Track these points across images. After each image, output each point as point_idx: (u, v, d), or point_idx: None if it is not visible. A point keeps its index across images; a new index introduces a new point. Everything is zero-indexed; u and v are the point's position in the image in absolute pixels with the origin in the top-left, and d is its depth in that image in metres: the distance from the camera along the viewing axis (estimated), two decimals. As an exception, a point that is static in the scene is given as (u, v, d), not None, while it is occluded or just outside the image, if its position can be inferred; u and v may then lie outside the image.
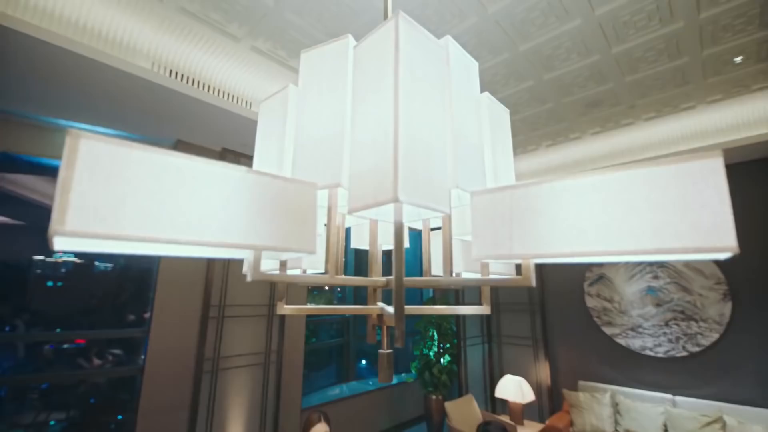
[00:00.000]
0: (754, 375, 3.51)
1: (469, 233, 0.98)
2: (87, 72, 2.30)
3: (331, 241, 0.78)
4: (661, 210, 0.50)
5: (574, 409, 4.01)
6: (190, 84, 2.65)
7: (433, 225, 1.00)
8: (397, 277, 0.67)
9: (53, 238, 0.45)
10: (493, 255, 0.65)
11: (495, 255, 0.65)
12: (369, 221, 0.96)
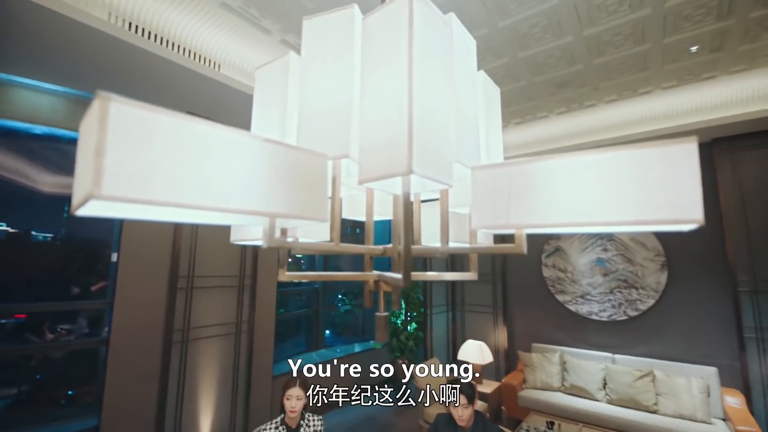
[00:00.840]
0: (680, 335, 4.01)
1: (459, 205, 1.04)
2: (35, 21, 2.06)
3: (336, 211, 0.81)
4: (644, 187, 0.57)
5: (527, 368, 4.40)
6: (151, 39, 2.45)
7: (423, 197, 1.05)
8: (406, 245, 0.72)
9: (87, 202, 0.45)
10: (491, 225, 0.72)
11: (493, 225, 0.72)
12: (365, 192, 0.99)
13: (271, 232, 0.68)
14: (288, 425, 2.09)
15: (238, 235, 1.22)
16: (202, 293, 3.31)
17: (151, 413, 2.97)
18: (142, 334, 2.97)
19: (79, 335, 3.48)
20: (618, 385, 3.84)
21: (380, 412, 4.68)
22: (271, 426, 2.09)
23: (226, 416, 3.40)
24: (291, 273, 0.91)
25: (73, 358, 3.38)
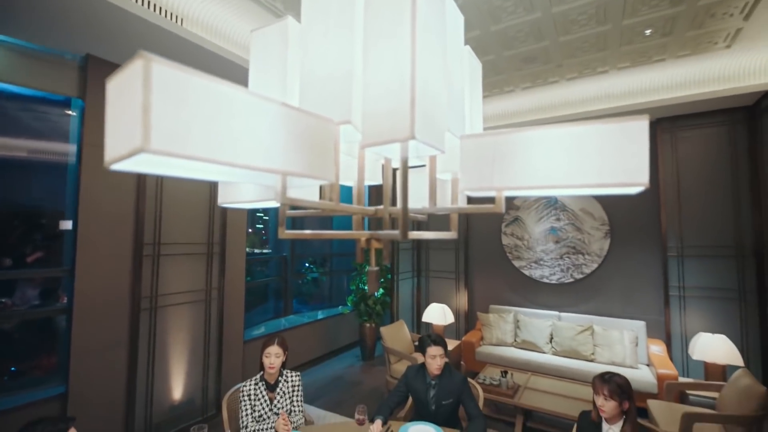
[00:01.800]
0: (617, 294, 4.53)
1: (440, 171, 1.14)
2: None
3: (336, 174, 0.88)
4: (605, 155, 0.69)
5: (484, 327, 4.79)
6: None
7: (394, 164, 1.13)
8: (404, 204, 0.80)
9: (133, 155, 0.49)
10: (477, 187, 0.82)
11: (479, 187, 0.82)
12: (358, 158, 1.06)
13: (283, 190, 0.74)
14: (267, 381, 2.20)
15: (227, 197, 1.25)
16: (169, 260, 3.25)
17: (121, 379, 2.96)
18: (108, 302, 2.90)
19: (29, 307, 3.31)
20: (562, 339, 4.31)
21: (348, 371, 4.93)
22: (251, 383, 2.19)
23: (199, 380, 3.46)
24: (291, 231, 0.97)
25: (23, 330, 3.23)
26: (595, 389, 1.85)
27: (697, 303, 3.98)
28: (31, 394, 2.68)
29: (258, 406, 2.13)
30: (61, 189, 3.38)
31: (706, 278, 3.95)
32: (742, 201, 3.82)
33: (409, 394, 2.43)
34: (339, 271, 6.77)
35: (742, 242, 3.81)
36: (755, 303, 3.70)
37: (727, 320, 3.83)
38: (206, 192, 3.57)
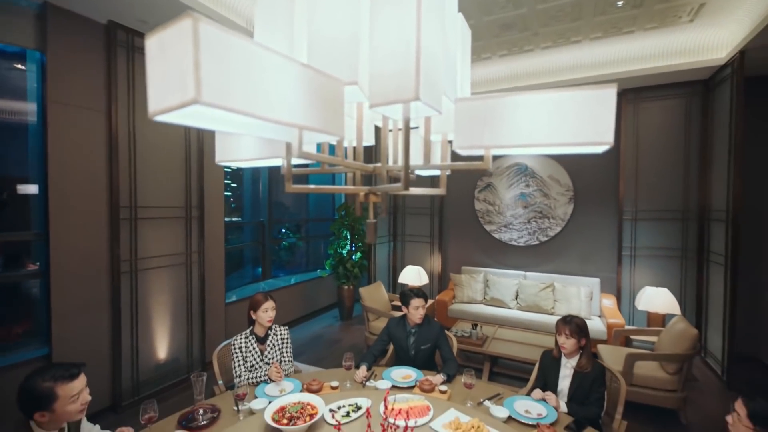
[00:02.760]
0: (577, 255, 4.92)
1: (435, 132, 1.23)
2: None
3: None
4: (580, 118, 0.81)
5: (456, 287, 5.10)
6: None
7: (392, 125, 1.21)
8: (406, 159, 0.90)
9: (187, 107, 0.55)
10: (469, 146, 0.92)
11: (471, 146, 0.93)
12: (356, 119, 1.13)
13: (300, 144, 0.82)
14: (257, 335, 2.32)
15: (225, 155, 1.31)
16: (148, 224, 3.21)
17: (105, 340, 2.99)
18: (85, 265, 2.87)
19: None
20: (527, 296, 4.69)
21: (328, 330, 5.16)
22: (241, 337, 2.30)
23: (183, 341, 3.54)
24: (296, 186, 1.05)
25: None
26: (558, 330, 2.11)
27: (645, 261, 4.42)
28: (14, 356, 2.67)
29: (249, 357, 2.27)
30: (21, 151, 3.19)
31: (654, 239, 4.37)
32: (691, 169, 4.19)
33: (390, 343, 2.64)
34: (315, 236, 6.85)
35: (687, 207, 4.21)
36: (694, 260, 4.16)
37: (670, 276, 4.30)
38: (181, 156, 3.48)
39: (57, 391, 1.34)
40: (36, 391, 1.32)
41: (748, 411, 1.25)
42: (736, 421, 1.29)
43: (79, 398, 1.41)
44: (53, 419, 1.36)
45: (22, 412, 1.36)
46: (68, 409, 1.38)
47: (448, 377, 2.20)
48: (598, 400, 2.01)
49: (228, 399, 1.97)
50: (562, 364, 2.15)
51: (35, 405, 1.33)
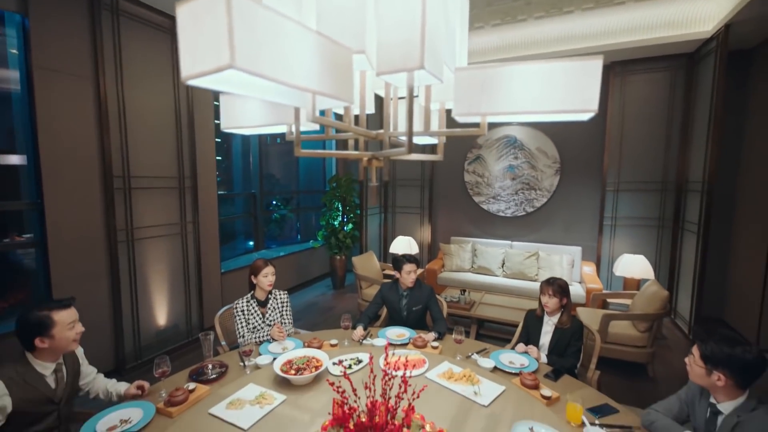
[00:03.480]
0: (561, 225, 5.12)
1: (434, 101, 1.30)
2: None
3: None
4: (569, 87, 0.90)
5: (446, 256, 5.28)
6: None
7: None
8: (409, 123, 0.97)
9: (222, 71, 0.61)
10: (468, 113, 1.00)
11: (469, 113, 1.00)
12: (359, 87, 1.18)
13: (313, 109, 0.88)
14: (257, 299, 2.43)
15: (231, 122, 1.36)
16: (142, 194, 3.22)
17: (105, 308, 3.07)
18: (82, 235, 2.89)
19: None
20: (512, 264, 4.90)
21: (321, 299, 5.32)
22: (243, 301, 2.41)
23: (182, 308, 3.64)
24: (305, 150, 1.12)
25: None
26: (541, 290, 2.27)
27: (624, 230, 4.65)
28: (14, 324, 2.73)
29: (251, 319, 2.38)
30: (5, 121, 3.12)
31: (634, 209, 4.58)
32: (672, 142, 4.34)
33: (384, 306, 2.79)
34: (306, 208, 6.90)
35: (667, 178, 4.40)
36: (670, 229, 4.39)
37: (647, 243, 4.55)
38: (171, 126, 3.44)
39: (54, 318, 1.47)
40: (35, 318, 1.45)
41: (701, 353, 1.39)
42: (692, 362, 1.44)
43: (74, 327, 1.54)
44: (53, 346, 1.48)
45: (22, 343, 1.47)
46: (66, 335, 1.50)
47: (439, 335, 2.37)
48: (576, 352, 2.21)
49: (233, 357, 2.10)
50: (545, 321, 2.33)
51: (36, 331, 1.44)
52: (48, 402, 1.51)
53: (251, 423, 1.47)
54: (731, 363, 1.29)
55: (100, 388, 1.73)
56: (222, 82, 0.70)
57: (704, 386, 1.41)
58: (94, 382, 1.73)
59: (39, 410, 1.48)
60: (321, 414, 1.55)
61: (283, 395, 1.66)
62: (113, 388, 1.73)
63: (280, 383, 1.77)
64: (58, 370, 1.56)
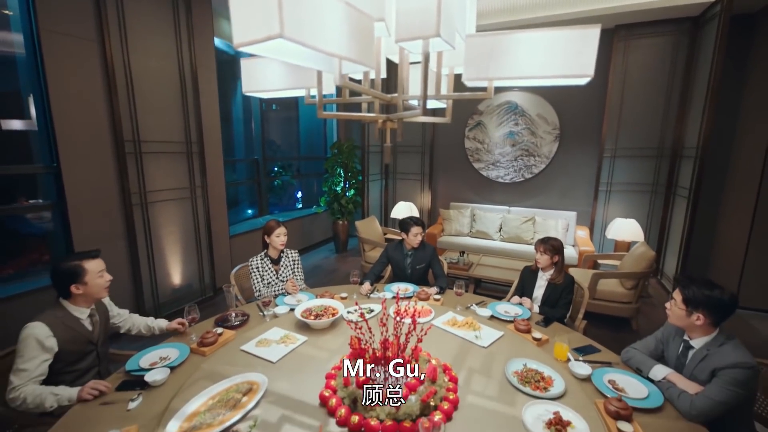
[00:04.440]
0: (557, 190, 5.26)
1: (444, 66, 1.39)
2: None
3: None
4: (568, 53, 1.00)
5: (445, 222, 5.45)
6: None
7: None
8: (423, 92, 1.07)
9: (271, 40, 0.71)
10: (477, 77, 1.10)
11: (477, 77, 1.10)
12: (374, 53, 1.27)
13: (340, 72, 0.98)
14: (271, 257, 2.60)
15: (252, 86, 1.45)
16: (152, 159, 3.30)
17: (125, 268, 3.24)
18: (98, 197, 3.01)
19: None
20: (509, 228, 5.09)
21: (325, 262, 5.54)
22: (257, 259, 2.58)
23: (195, 269, 3.82)
24: (326, 113, 1.22)
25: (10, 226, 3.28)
26: (536, 248, 2.45)
27: (618, 195, 4.80)
28: (39, 281, 2.90)
29: (266, 275, 2.56)
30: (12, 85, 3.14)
31: (629, 175, 4.71)
32: (671, 108, 4.40)
33: (389, 265, 2.97)
34: (307, 174, 6.98)
35: (663, 144, 4.49)
36: (662, 194, 4.55)
37: (639, 208, 4.71)
38: (176, 91, 3.47)
39: (85, 266, 1.63)
40: (68, 267, 1.61)
41: (683, 296, 1.51)
42: (673, 306, 1.56)
43: (103, 275, 1.71)
44: (86, 292, 1.65)
45: (59, 291, 1.64)
46: (97, 282, 1.67)
47: (441, 289, 2.57)
48: (566, 305, 2.41)
49: (252, 308, 2.28)
50: (539, 276, 2.52)
51: (71, 279, 1.61)
52: (87, 342, 1.69)
53: (278, 357, 1.68)
54: (709, 304, 1.45)
55: (141, 325, 1.92)
56: (270, 49, 0.81)
57: (682, 326, 1.58)
58: (130, 319, 1.92)
59: (80, 350, 1.66)
60: (338, 352, 1.75)
61: (304, 337, 1.86)
62: (154, 324, 1.93)
63: (301, 327, 1.97)
64: (92, 315, 1.73)
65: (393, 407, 1.29)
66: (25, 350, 1.47)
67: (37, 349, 1.49)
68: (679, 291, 1.55)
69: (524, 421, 1.33)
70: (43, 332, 1.51)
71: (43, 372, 1.50)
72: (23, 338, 1.49)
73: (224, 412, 1.31)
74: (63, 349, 1.57)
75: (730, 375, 1.36)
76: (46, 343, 1.51)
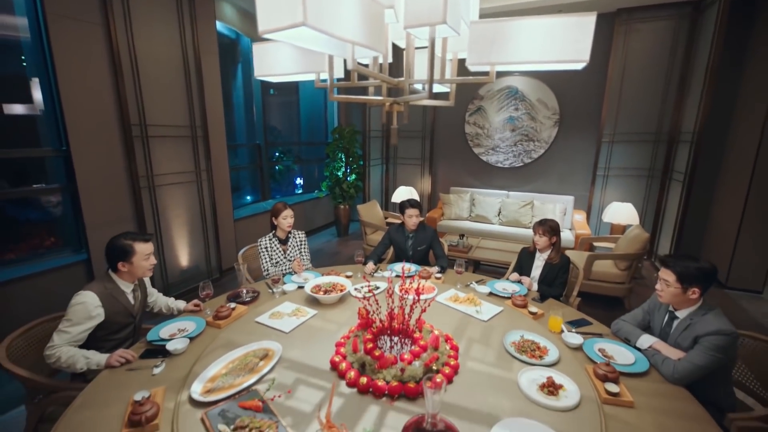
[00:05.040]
0: (556, 175, 5.34)
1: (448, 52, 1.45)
2: None
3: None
4: (566, 40, 1.07)
5: (445, 206, 5.55)
6: None
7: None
8: (430, 76, 1.14)
9: (295, 27, 0.79)
10: (480, 62, 1.17)
11: (480, 62, 1.17)
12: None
13: (353, 57, 1.05)
14: (279, 238, 2.69)
15: (264, 70, 1.52)
16: (158, 142, 3.36)
17: (134, 248, 3.33)
18: (107, 180, 3.08)
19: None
20: (508, 212, 5.18)
21: (327, 245, 5.65)
22: (265, 239, 2.67)
23: (201, 251, 3.92)
24: (338, 96, 1.29)
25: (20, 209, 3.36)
26: (534, 230, 2.54)
27: (615, 180, 4.88)
28: (53, 261, 3.00)
29: (274, 255, 2.66)
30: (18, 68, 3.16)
31: (627, 160, 4.78)
32: (669, 92, 4.44)
33: (391, 246, 3.07)
34: (308, 160, 7.03)
35: (661, 130, 4.55)
36: (659, 178, 4.63)
37: (636, 193, 4.81)
38: (180, 76, 3.50)
39: (135, 248, 1.74)
40: (121, 245, 1.72)
41: (677, 276, 1.54)
42: (665, 287, 1.58)
43: (149, 259, 1.81)
44: (131, 271, 1.76)
45: (109, 264, 1.75)
46: (142, 264, 1.77)
47: (441, 269, 2.68)
48: (562, 284, 2.52)
49: (261, 287, 2.39)
50: (536, 257, 2.62)
51: (119, 256, 1.72)
52: (129, 315, 1.80)
53: (291, 328, 1.79)
54: (701, 276, 1.54)
55: (163, 304, 2.04)
56: (292, 36, 0.88)
57: (675, 303, 1.63)
58: (157, 300, 2.04)
59: (122, 321, 1.77)
60: (346, 325, 1.86)
61: (314, 311, 1.97)
62: (173, 305, 2.04)
63: (311, 302, 2.09)
64: (135, 290, 1.85)
65: (398, 370, 1.40)
66: (73, 315, 1.59)
67: (84, 317, 1.60)
68: (671, 272, 1.58)
69: (519, 384, 1.44)
70: (94, 302, 1.63)
71: (82, 339, 1.62)
72: (74, 304, 1.60)
73: (243, 374, 1.42)
74: (108, 319, 1.69)
75: (710, 341, 1.47)
76: (93, 312, 1.62)
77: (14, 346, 1.69)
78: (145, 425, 1.19)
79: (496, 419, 1.25)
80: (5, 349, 1.64)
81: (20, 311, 2.62)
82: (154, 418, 1.22)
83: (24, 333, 1.76)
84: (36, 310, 2.46)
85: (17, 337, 1.73)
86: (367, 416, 1.27)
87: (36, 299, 2.73)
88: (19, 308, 2.64)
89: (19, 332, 1.74)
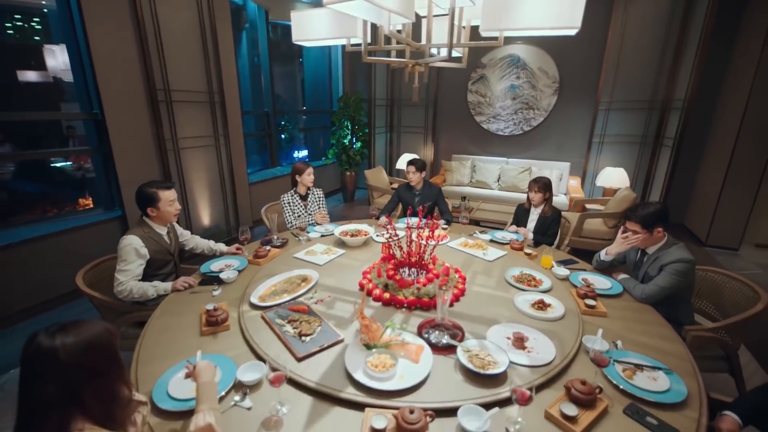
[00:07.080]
0: (554, 142, 5.57)
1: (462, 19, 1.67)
2: None
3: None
4: (563, 7, 1.30)
5: (447, 172, 5.80)
6: None
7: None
8: (449, 39, 1.37)
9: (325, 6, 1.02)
10: (492, 28, 1.41)
11: (491, 28, 1.41)
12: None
13: (389, 23, 1.28)
14: (300, 194, 2.97)
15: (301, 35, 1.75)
16: (180, 107, 3.56)
17: (162, 207, 3.60)
18: (136, 143, 3.30)
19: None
20: (507, 178, 5.45)
21: (334, 210, 5.93)
22: (288, 195, 2.95)
23: (221, 211, 4.20)
24: (371, 57, 1.53)
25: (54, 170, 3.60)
26: (529, 187, 2.83)
27: (610, 147, 5.13)
28: (91, 217, 3.27)
29: (296, 209, 2.94)
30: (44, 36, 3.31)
31: (622, 127, 5.00)
32: (664, 62, 4.61)
33: (399, 203, 3.36)
34: (312, 128, 7.19)
35: (655, 97, 4.76)
36: (650, 145, 4.88)
37: (628, 159, 5.06)
38: (198, 43, 3.64)
39: (159, 194, 1.99)
40: (146, 193, 1.98)
41: (641, 224, 1.84)
42: (632, 237, 1.88)
43: (173, 204, 2.06)
44: (159, 216, 2.03)
45: (141, 210, 2.01)
46: (167, 209, 2.03)
47: (447, 222, 2.97)
48: (554, 234, 2.83)
49: (287, 235, 2.68)
50: (531, 212, 2.92)
51: (147, 202, 1.99)
52: (168, 253, 2.09)
53: (323, 262, 2.11)
54: (659, 216, 1.86)
55: (204, 246, 2.33)
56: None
57: (648, 245, 1.94)
58: (193, 240, 2.33)
59: (163, 258, 2.07)
60: (368, 262, 2.17)
61: (342, 250, 2.29)
62: (216, 247, 2.34)
63: (338, 245, 2.40)
64: (169, 232, 2.13)
65: (415, 289, 1.72)
66: (127, 256, 1.87)
67: (134, 255, 1.89)
68: (634, 223, 1.88)
69: (515, 302, 1.77)
70: (138, 242, 1.90)
71: (140, 274, 1.91)
72: (123, 246, 1.88)
73: (289, 290, 1.74)
74: (152, 257, 1.97)
75: (673, 267, 1.79)
76: (141, 251, 1.91)
77: (86, 278, 1.99)
78: (221, 324, 1.51)
79: (495, 323, 1.57)
80: (81, 277, 1.94)
81: (73, 258, 2.92)
82: (226, 320, 1.54)
83: (91, 269, 2.06)
84: (82, 259, 2.75)
85: (87, 271, 2.03)
86: (390, 319, 1.59)
87: (81, 250, 3.03)
88: (71, 255, 2.93)
89: (87, 267, 2.04)
